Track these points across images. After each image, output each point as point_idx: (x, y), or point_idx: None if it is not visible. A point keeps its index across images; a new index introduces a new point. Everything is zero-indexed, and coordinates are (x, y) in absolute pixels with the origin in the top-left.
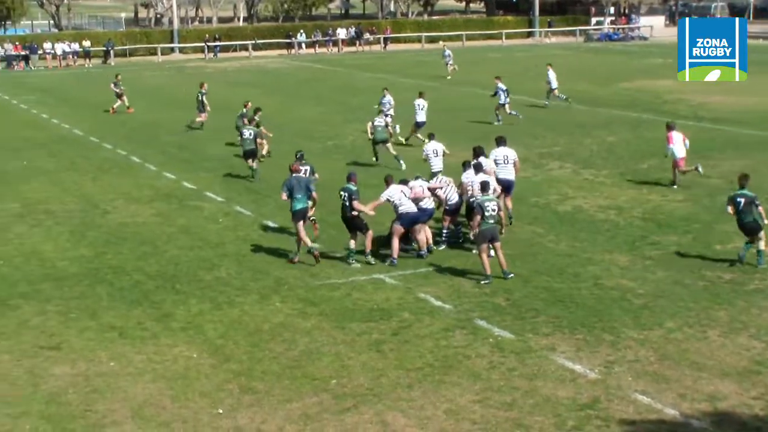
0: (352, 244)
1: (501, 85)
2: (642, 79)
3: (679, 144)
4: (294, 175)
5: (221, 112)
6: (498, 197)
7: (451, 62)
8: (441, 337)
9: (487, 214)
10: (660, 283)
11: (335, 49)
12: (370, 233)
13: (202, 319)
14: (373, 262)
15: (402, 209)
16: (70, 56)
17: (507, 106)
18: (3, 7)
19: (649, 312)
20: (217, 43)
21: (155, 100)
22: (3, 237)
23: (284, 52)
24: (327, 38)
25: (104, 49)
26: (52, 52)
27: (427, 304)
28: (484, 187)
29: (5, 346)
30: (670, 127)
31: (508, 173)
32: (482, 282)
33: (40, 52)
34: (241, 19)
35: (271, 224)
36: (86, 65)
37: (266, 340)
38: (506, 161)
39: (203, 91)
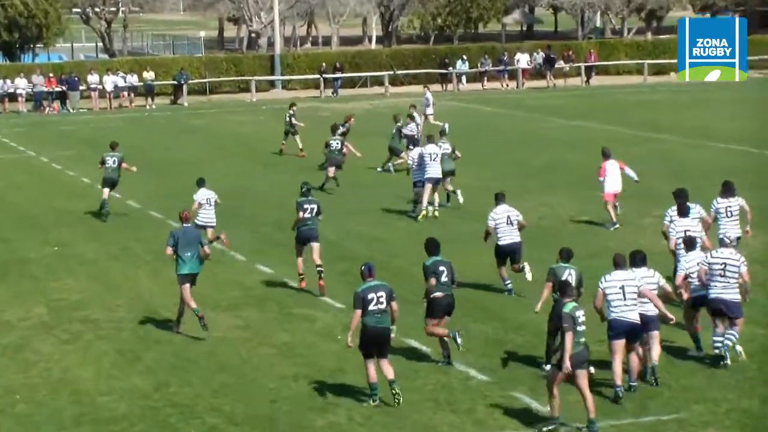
0: (373, 374)
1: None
2: None
3: (613, 176)
4: (184, 225)
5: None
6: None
7: (430, 111)
8: None
9: (579, 329)
10: None
11: (512, 84)
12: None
13: None
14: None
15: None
16: (125, 93)
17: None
18: (32, 23)
19: None
20: (338, 75)
21: (245, 158)
22: (21, 358)
23: (437, 87)
24: (500, 68)
25: (174, 83)
26: (100, 87)
27: None
28: (564, 289)
29: None
30: (605, 155)
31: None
32: (544, 429)
33: (82, 87)
34: (374, 39)
35: (415, 344)
36: (148, 106)
37: None
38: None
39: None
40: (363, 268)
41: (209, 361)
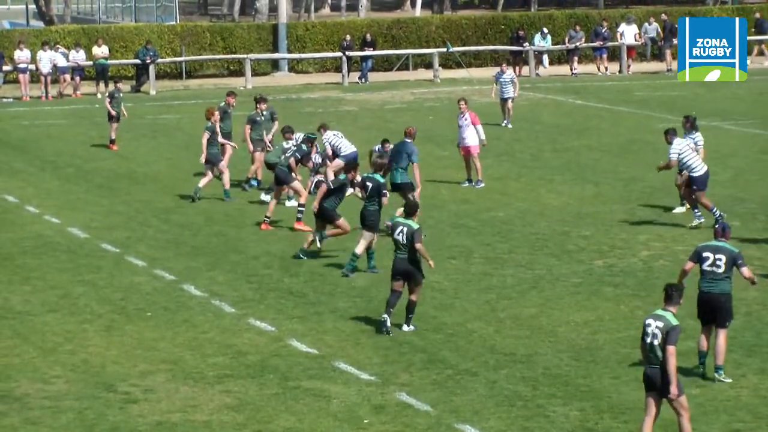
0: (704, 343)
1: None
2: None
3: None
4: None
5: None
6: None
7: (513, 92)
8: None
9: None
10: None
11: (614, 67)
12: None
13: None
14: None
15: None
16: (67, 76)
17: None
18: None
19: None
20: (369, 53)
21: (239, 173)
22: None
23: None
24: (597, 44)
25: (136, 62)
26: (31, 67)
27: None
28: (669, 295)
29: None
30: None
31: None
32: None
33: (7, 67)
34: (418, 5)
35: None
36: (99, 94)
37: None
38: None
39: None
40: (717, 226)
41: None
